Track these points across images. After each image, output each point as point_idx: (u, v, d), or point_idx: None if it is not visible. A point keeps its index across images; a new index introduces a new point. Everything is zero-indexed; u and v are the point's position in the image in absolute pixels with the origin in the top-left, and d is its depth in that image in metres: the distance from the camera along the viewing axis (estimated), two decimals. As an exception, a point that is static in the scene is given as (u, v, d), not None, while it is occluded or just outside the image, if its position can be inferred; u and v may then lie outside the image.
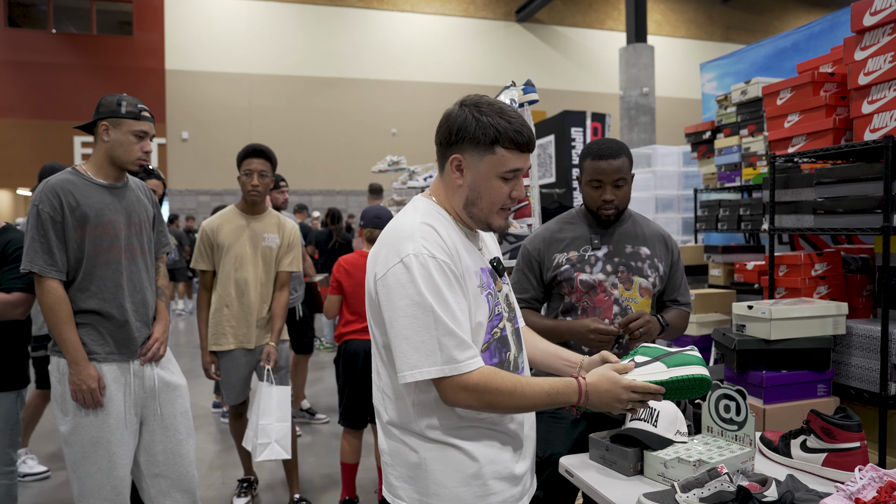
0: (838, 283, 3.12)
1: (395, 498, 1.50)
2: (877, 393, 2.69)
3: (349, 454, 3.41)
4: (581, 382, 1.44)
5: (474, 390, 1.37)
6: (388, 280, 1.39)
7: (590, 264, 2.21)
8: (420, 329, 1.35)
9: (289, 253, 3.42)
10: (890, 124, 2.68)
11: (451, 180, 1.49)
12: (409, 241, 1.40)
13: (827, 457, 1.86)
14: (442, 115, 1.51)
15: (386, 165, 5.26)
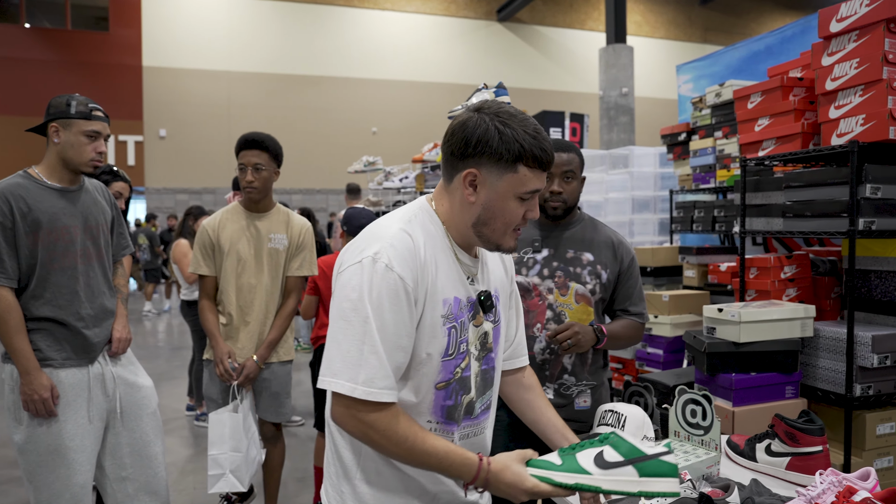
0: (807, 286, 3.15)
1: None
2: (843, 394, 2.72)
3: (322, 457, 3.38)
4: (482, 466, 1.29)
5: (364, 421, 1.25)
6: (344, 277, 1.30)
7: (527, 267, 2.20)
8: (350, 337, 1.25)
9: (298, 255, 3.05)
10: (855, 129, 2.71)
11: (462, 196, 1.34)
12: (377, 244, 1.29)
13: (790, 460, 1.88)
14: (453, 120, 1.37)
15: (362, 166, 5.24)
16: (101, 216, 2.44)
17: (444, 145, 1.36)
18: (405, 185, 4.87)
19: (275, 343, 2.96)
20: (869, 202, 2.67)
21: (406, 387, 1.34)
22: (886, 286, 2.82)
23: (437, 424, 1.40)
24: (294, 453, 4.48)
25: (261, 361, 2.91)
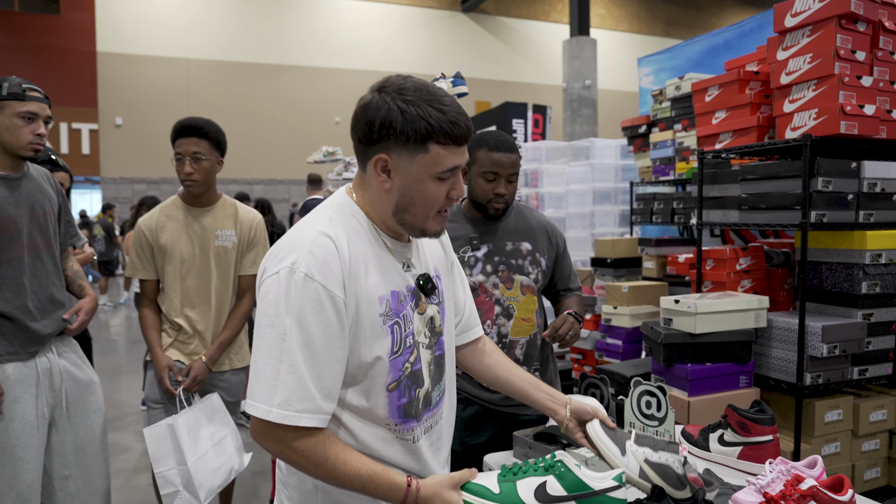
0: (761, 277, 3.21)
1: None
2: (794, 383, 2.78)
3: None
4: (409, 491, 1.22)
5: (279, 441, 1.18)
6: (262, 289, 1.21)
7: (469, 266, 2.17)
8: (266, 357, 1.16)
9: (251, 251, 2.72)
10: (809, 123, 2.76)
11: (376, 184, 1.26)
12: (295, 252, 1.19)
13: (742, 450, 1.90)
14: (357, 102, 1.25)
15: (321, 156, 5.15)
16: (47, 204, 2.33)
17: (352, 132, 1.26)
18: (366, 175, 4.82)
19: (226, 344, 2.69)
20: (821, 195, 2.72)
21: (356, 392, 1.28)
22: (836, 277, 2.89)
23: (397, 427, 1.32)
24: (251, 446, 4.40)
25: (210, 363, 2.64)
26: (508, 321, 2.18)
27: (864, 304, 2.81)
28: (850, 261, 2.80)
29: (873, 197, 2.83)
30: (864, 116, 2.69)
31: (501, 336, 2.18)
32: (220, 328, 2.68)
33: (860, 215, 2.81)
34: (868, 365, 2.87)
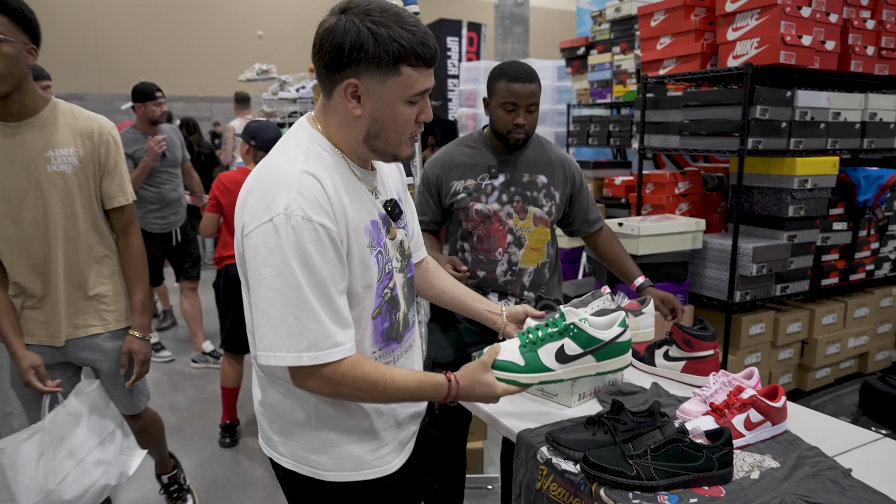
0: (697, 201, 3.37)
1: (274, 452, 1.38)
2: (725, 301, 2.98)
3: (230, 378, 3.34)
4: (452, 385, 1.33)
5: (329, 380, 1.21)
6: (255, 239, 1.16)
7: (486, 193, 2.20)
8: (282, 307, 1.15)
9: (112, 174, 2.04)
10: (750, 52, 2.84)
11: (346, 110, 1.21)
12: (283, 196, 1.15)
13: (686, 364, 2.05)
14: (318, 26, 1.18)
15: (254, 74, 4.90)
16: None
17: (316, 58, 1.20)
18: (302, 95, 4.63)
19: (147, 303, 2.17)
20: (758, 123, 2.84)
21: None
22: (767, 201, 3.06)
23: (381, 350, 1.37)
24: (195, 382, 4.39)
25: (146, 332, 2.16)
26: (519, 250, 2.23)
27: (790, 227, 3.01)
28: (780, 186, 2.98)
29: (804, 125, 2.99)
30: (801, 47, 2.79)
31: (511, 264, 2.23)
32: (86, 283, 2.06)
33: (791, 143, 2.96)
34: (789, 282, 3.11)
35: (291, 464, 1.35)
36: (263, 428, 1.41)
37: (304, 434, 1.33)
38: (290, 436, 1.35)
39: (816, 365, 3.28)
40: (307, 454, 1.34)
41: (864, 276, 3.44)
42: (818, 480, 1.46)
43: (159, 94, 4.11)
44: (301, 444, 1.34)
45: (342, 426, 1.33)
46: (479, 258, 2.21)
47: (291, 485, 1.40)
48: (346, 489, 1.36)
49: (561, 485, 1.54)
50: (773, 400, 1.66)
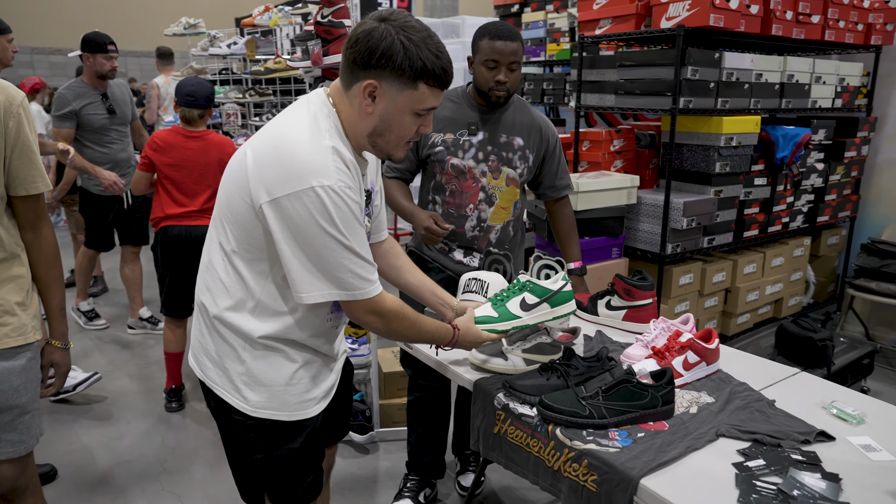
0: (631, 158, 3.51)
1: (216, 385, 1.50)
2: (657, 253, 3.16)
3: (173, 343, 3.29)
4: (455, 334, 1.65)
5: (385, 316, 1.44)
6: (294, 204, 1.28)
7: (463, 149, 2.24)
8: (333, 258, 1.32)
9: (23, 156, 1.60)
10: (682, 14, 2.95)
11: (360, 105, 1.36)
12: (323, 170, 1.28)
13: (626, 312, 2.19)
14: (357, 26, 1.34)
15: (181, 28, 4.68)
16: None
17: (347, 51, 1.34)
18: (234, 51, 4.47)
19: (63, 306, 1.79)
20: (688, 83, 2.98)
21: None
22: (696, 158, 3.23)
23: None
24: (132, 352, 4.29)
25: (66, 340, 1.81)
26: (489, 208, 2.29)
27: (717, 182, 3.20)
28: (708, 143, 3.14)
29: (730, 85, 3.15)
30: (729, 10, 2.92)
31: (481, 220, 2.29)
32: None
33: (718, 102, 3.12)
34: (715, 235, 3.32)
35: (222, 392, 1.49)
36: (205, 365, 1.52)
37: (236, 369, 1.47)
38: (223, 368, 1.48)
39: (738, 311, 3.53)
40: (237, 388, 1.47)
41: (781, 228, 3.70)
42: (747, 411, 1.62)
43: (112, 47, 3.84)
44: (234, 377, 1.47)
45: (271, 372, 1.46)
46: (450, 212, 2.27)
47: (221, 414, 1.53)
48: (270, 428, 1.50)
49: (518, 427, 1.64)
50: (707, 342, 1.81)
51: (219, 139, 3.19)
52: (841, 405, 1.62)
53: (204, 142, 3.13)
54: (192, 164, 3.10)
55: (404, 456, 2.64)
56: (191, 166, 3.10)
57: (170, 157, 3.09)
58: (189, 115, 3.10)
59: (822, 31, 3.49)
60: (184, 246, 3.09)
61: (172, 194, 3.13)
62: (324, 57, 2.57)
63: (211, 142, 3.15)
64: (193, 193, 3.12)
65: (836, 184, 3.92)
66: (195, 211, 3.12)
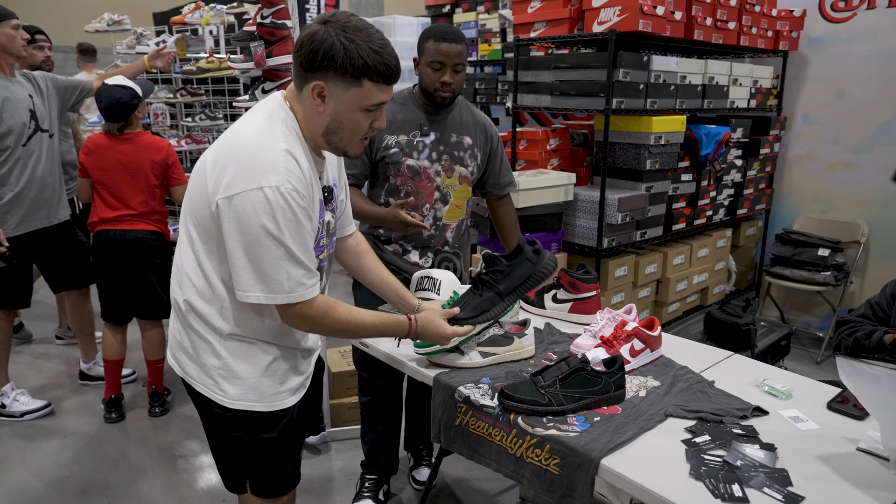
0: (566, 156, 3.64)
1: (195, 381, 1.55)
2: (594, 247, 3.30)
3: (113, 350, 3.18)
4: (412, 325, 1.64)
5: (313, 320, 1.46)
6: (242, 203, 1.32)
7: (417, 150, 2.29)
8: (271, 259, 1.36)
9: None
10: (613, 19, 3.10)
11: (311, 106, 1.40)
12: (272, 172, 1.33)
13: (572, 305, 2.29)
14: (303, 31, 1.38)
15: (105, 25, 4.49)
16: None
17: (295, 55, 1.39)
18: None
19: None
20: (620, 84, 3.13)
21: None
22: (627, 156, 3.39)
23: None
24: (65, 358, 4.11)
25: None
26: (444, 206, 2.34)
27: (648, 179, 3.37)
28: (639, 142, 3.31)
29: (657, 87, 3.32)
30: (656, 16, 3.09)
31: (437, 219, 2.34)
32: None
33: (647, 102, 3.29)
34: (647, 228, 3.50)
35: (200, 387, 1.55)
36: (183, 361, 1.57)
37: (213, 364, 1.52)
38: (200, 363, 1.53)
39: (669, 300, 3.73)
40: (214, 381, 1.53)
41: (705, 220, 3.93)
42: (690, 392, 1.74)
43: (41, 36, 3.57)
44: (211, 372, 1.52)
45: (247, 365, 1.52)
46: (407, 213, 2.31)
47: (202, 408, 1.59)
48: (248, 419, 1.55)
49: (480, 419, 1.71)
50: (651, 330, 1.94)
51: (150, 141, 3.08)
52: (771, 383, 1.77)
53: (135, 144, 3.02)
54: (123, 167, 2.99)
55: (357, 455, 2.67)
56: (122, 169, 2.99)
57: (101, 161, 2.99)
58: (109, 128, 2.99)
59: (737, 36, 3.73)
60: (118, 250, 3.01)
61: (105, 198, 3.02)
62: (267, 58, 2.56)
63: (142, 144, 3.03)
64: (127, 197, 3.00)
65: (752, 178, 4.20)
66: (130, 215, 3.02)
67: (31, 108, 3.03)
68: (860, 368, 1.42)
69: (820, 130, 4.30)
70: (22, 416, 3.21)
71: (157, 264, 3.08)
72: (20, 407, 3.24)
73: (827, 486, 1.34)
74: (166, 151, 3.05)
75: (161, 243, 3.12)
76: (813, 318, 4.43)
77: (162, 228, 3.12)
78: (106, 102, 2.91)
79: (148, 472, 2.82)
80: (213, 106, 4.46)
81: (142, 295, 3.10)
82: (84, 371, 3.63)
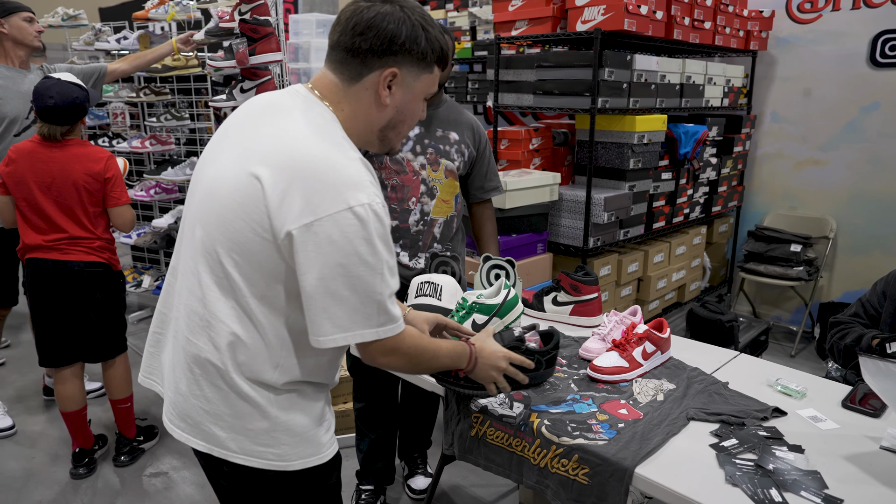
0: (548, 156, 3.62)
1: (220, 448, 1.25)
2: (580, 246, 3.29)
3: (69, 401, 2.72)
4: (472, 349, 1.48)
5: (405, 354, 1.27)
6: (327, 229, 1.09)
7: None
8: (363, 290, 1.14)
9: None
10: (597, 18, 3.08)
11: (374, 97, 1.22)
12: (359, 188, 1.12)
13: (574, 307, 2.27)
14: (358, 9, 1.18)
15: (58, 20, 4.26)
16: None
17: (354, 39, 1.18)
18: (124, 46, 4.12)
19: None
20: (605, 84, 3.12)
21: None
22: (610, 155, 3.40)
23: None
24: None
25: None
26: (431, 200, 2.28)
27: (631, 178, 3.38)
28: (622, 141, 3.31)
29: (639, 86, 3.33)
30: (640, 15, 3.09)
31: (424, 214, 2.28)
32: None
33: (630, 102, 3.30)
34: (630, 227, 3.51)
35: (244, 458, 1.25)
36: (205, 425, 1.26)
37: (260, 427, 1.24)
38: (243, 431, 1.24)
39: (650, 298, 3.76)
40: (265, 448, 1.24)
41: (683, 218, 3.97)
42: (707, 395, 1.73)
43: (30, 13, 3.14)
44: (258, 437, 1.24)
45: (302, 417, 1.27)
46: (393, 207, 2.25)
47: (243, 481, 1.30)
48: (308, 475, 1.30)
49: (498, 429, 1.66)
50: (661, 332, 1.92)
51: (87, 150, 2.59)
52: (785, 382, 1.78)
53: (67, 153, 2.54)
54: (51, 179, 2.52)
55: (352, 464, 2.59)
56: (49, 182, 2.52)
57: (25, 172, 2.52)
58: (51, 132, 2.51)
59: (712, 36, 3.77)
60: (53, 281, 2.58)
61: (31, 219, 2.57)
62: (250, 56, 2.45)
63: (76, 153, 2.55)
64: (60, 217, 2.55)
65: (726, 176, 4.27)
66: (64, 240, 2.57)
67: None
68: (885, 368, 1.43)
69: (788, 128, 4.40)
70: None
71: (97, 300, 2.66)
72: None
73: (860, 487, 1.34)
74: (105, 164, 2.58)
75: (107, 276, 2.68)
76: (784, 312, 4.54)
77: (108, 258, 2.67)
78: (58, 99, 2.46)
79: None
80: (178, 105, 4.28)
81: (83, 336, 2.68)
82: (49, 385, 3.42)
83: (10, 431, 3.09)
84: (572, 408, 1.63)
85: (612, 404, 1.66)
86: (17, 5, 2.97)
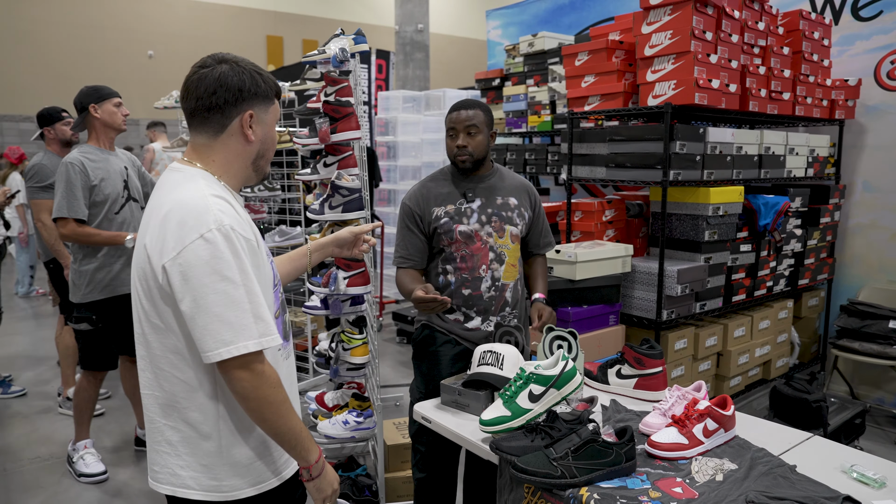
0: (622, 227, 3.64)
1: (181, 488, 1.43)
2: (654, 319, 3.24)
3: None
4: (320, 456, 1.49)
5: (259, 375, 1.34)
6: (187, 259, 1.29)
7: (466, 216, 2.37)
8: (232, 305, 1.30)
9: None
10: (668, 92, 3.14)
11: (240, 140, 1.46)
12: (205, 215, 1.31)
13: (637, 381, 2.24)
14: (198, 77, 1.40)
15: (172, 102, 4.77)
16: None
17: (209, 99, 1.40)
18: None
19: None
20: (677, 156, 3.14)
21: None
22: (684, 227, 3.37)
23: (283, 348, 1.55)
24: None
25: None
26: (501, 266, 2.39)
27: (706, 250, 3.33)
28: (696, 213, 3.29)
29: (713, 158, 3.32)
30: (711, 89, 3.12)
31: (495, 280, 2.38)
32: None
33: (704, 174, 3.29)
34: (706, 300, 3.43)
35: (203, 494, 1.42)
36: (168, 464, 1.43)
37: (214, 460, 1.42)
38: (199, 468, 1.42)
39: (731, 374, 3.61)
40: (220, 480, 1.42)
41: (766, 291, 3.83)
42: (771, 477, 1.66)
43: (65, 113, 4.01)
44: (213, 471, 1.42)
45: (248, 442, 1.44)
46: (464, 277, 2.34)
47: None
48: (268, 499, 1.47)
49: (549, 500, 1.66)
50: (724, 409, 1.87)
51: None
52: (861, 469, 1.68)
53: None
54: None
55: (413, 532, 2.60)
56: None
57: None
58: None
59: (792, 106, 3.72)
60: None
61: None
62: (332, 134, 2.66)
63: None
64: None
65: (813, 248, 4.10)
66: None
67: (125, 178, 3.28)
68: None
69: (882, 198, 4.21)
70: (80, 476, 3.27)
71: None
72: (81, 467, 3.32)
73: (935, 588, 1.25)
74: None
75: None
76: (886, 394, 4.21)
77: None
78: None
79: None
80: (272, 177, 4.62)
81: None
82: (140, 437, 3.67)
83: (103, 477, 3.32)
84: (625, 483, 1.61)
85: (667, 482, 1.62)
86: (110, 92, 3.37)
